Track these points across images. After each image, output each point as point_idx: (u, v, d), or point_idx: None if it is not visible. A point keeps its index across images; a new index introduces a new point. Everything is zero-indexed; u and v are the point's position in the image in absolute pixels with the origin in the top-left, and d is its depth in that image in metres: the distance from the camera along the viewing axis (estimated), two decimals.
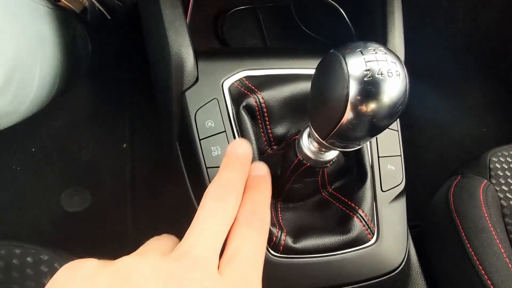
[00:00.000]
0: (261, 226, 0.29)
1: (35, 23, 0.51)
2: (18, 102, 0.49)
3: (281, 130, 0.46)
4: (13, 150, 0.82)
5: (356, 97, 0.26)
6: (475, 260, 0.43)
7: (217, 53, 0.46)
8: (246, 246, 0.27)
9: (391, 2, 0.50)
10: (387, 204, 0.44)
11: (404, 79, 0.27)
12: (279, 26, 0.64)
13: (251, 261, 0.26)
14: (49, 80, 0.55)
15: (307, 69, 0.47)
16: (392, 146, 0.47)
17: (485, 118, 1.11)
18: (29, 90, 0.50)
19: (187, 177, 0.45)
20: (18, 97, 0.48)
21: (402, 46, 0.50)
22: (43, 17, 0.54)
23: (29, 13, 0.50)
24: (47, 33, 0.54)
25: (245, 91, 0.44)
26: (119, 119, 0.90)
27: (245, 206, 0.29)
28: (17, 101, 0.48)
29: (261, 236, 0.28)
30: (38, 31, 0.52)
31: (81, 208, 0.82)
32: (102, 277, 0.23)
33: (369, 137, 0.31)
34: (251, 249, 0.27)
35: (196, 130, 0.42)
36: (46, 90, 0.55)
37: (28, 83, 0.50)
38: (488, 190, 0.50)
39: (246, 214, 0.28)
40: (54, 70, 0.56)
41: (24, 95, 0.50)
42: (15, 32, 0.45)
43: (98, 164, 0.85)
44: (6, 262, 0.38)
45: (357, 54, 0.27)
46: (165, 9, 0.44)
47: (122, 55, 0.94)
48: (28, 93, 0.50)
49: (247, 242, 0.27)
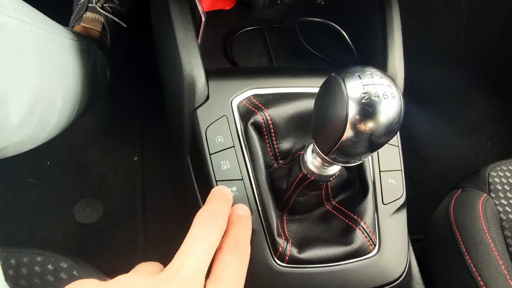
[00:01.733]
0: (243, 255, 0.32)
1: (59, 55, 0.54)
2: (41, 129, 0.51)
3: (286, 145, 0.48)
4: (29, 163, 0.86)
5: (355, 117, 0.29)
6: (474, 271, 0.45)
7: (227, 72, 0.49)
8: (230, 269, 0.30)
9: (391, 23, 0.53)
10: (388, 216, 0.46)
11: (399, 101, 0.30)
12: (285, 46, 0.67)
13: (234, 281, 0.30)
14: (69, 107, 0.58)
15: (311, 88, 0.49)
16: (392, 160, 0.49)
17: (488, 132, 1.12)
18: (51, 118, 0.53)
19: (197, 189, 0.48)
20: (41, 125, 0.51)
21: (401, 66, 0.53)
22: (67, 50, 0.56)
23: (54, 47, 0.53)
24: (70, 64, 0.56)
25: (252, 108, 0.46)
26: (130, 134, 0.93)
27: (229, 238, 0.33)
28: (40, 129, 0.51)
29: (242, 263, 0.32)
30: (61, 62, 0.54)
31: (93, 219, 0.84)
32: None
33: (368, 153, 0.33)
34: (234, 272, 0.30)
35: (206, 145, 0.44)
36: (66, 117, 0.58)
37: (51, 111, 0.52)
38: (488, 204, 0.52)
39: (230, 245, 0.32)
40: (74, 98, 0.59)
41: (47, 123, 0.52)
42: (40, 65, 0.48)
43: (110, 177, 0.88)
44: (28, 269, 0.41)
45: (355, 78, 0.29)
46: (178, 32, 0.47)
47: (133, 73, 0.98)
48: (50, 120, 0.53)
49: (231, 266, 0.30)
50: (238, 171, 0.44)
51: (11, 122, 0.43)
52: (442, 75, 1.16)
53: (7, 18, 0.41)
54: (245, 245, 0.33)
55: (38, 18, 0.49)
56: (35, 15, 0.49)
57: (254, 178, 0.44)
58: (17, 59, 0.42)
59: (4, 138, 0.43)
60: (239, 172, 0.44)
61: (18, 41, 0.43)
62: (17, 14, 0.44)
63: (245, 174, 0.44)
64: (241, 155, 0.44)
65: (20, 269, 0.40)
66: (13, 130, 0.44)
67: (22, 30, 0.44)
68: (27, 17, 0.46)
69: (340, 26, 0.61)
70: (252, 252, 0.41)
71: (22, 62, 0.43)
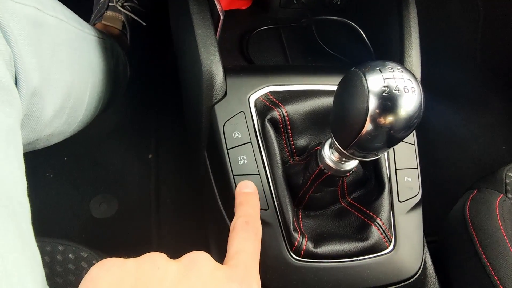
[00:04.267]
0: (255, 232, 0.34)
1: (88, 53, 0.56)
2: (69, 124, 0.53)
3: (303, 142, 0.48)
4: (48, 159, 0.88)
5: (375, 111, 0.29)
6: (491, 271, 0.44)
7: (244, 69, 0.50)
8: (247, 243, 0.32)
9: (408, 22, 0.53)
10: (404, 214, 0.46)
11: (419, 95, 0.30)
12: (301, 45, 0.67)
13: (251, 255, 0.31)
14: (95, 103, 0.60)
15: (327, 85, 0.50)
16: (409, 159, 0.49)
17: (505, 134, 1.10)
18: (79, 113, 0.55)
19: (214, 183, 0.48)
20: (70, 119, 0.53)
21: (418, 65, 0.53)
22: (93, 46, 0.58)
23: (84, 44, 0.55)
24: (96, 61, 0.59)
25: (269, 105, 0.47)
26: (145, 131, 0.95)
27: (240, 219, 0.35)
28: (68, 123, 0.53)
29: (257, 239, 0.34)
30: (89, 59, 0.56)
31: (108, 215, 0.86)
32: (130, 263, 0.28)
33: (386, 147, 0.33)
34: (251, 246, 0.32)
35: (224, 140, 0.45)
36: (91, 112, 0.61)
37: (79, 106, 0.54)
38: (504, 204, 0.51)
39: (242, 224, 0.34)
40: (100, 95, 0.61)
41: (75, 117, 0.54)
42: (72, 62, 0.50)
43: (125, 173, 0.90)
44: (51, 257, 0.42)
45: (376, 72, 0.30)
46: (198, 29, 0.48)
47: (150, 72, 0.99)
48: (78, 115, 0.55)
49: (246, 242, 0.32)
50: (255, 166, 0.44)
51: (46, 116, 0.44)
52: (458, 77, 1.15)
53: (46, 16, 0.43)
54: (257, 221, 0.35)
55: (72, 16, 0.51)
56: (69, 13, 0.51)
57: (270, 173, 0.44)
58: (53, 55, 0.44)
59: (38, 130, 0.45)
60: (255, 167, 0.44)
61: (54, 39, 0.45)
62: (55, 12, 0.45)
63: (262, 169, 0.44)
64: (258, 151, 0.45)
65: (43, 257, 0.41)
66: (46, 124, 0.46)
67: (58, 28, 0.46)
68: (63, 16, 0.48)
69: (356, 24, 0.61)
70: (268, 246, 0.42)
71: (57, 59, 0.45)
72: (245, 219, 0.34)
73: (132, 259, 0.28)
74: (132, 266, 0.27)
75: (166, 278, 0.27)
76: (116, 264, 0.28)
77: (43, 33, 0.42)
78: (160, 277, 0.27)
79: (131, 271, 0.27)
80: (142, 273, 0.27)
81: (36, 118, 0.43)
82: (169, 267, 0.28)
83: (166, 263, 0.28)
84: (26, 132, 0.43)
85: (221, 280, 0.28)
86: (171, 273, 0.27)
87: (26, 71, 0.38)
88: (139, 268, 0.27)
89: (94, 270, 0.27)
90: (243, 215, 0.35)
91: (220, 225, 0.47)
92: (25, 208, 0.33)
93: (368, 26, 0.61)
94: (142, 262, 0.28)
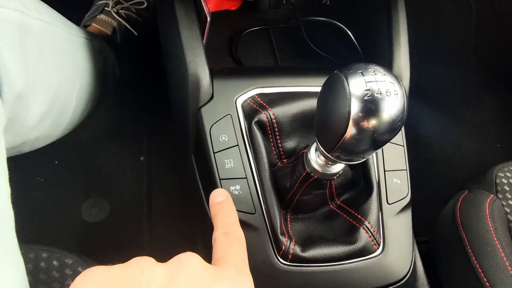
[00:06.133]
0: (237, 239, 0.33)
1: (75, 55, 0.55)
2: (56, 126, 0.53)
3: (291, 144, 0.48)
4: (38, 163, 0.87)
5: (358, 114, 0.29)
6: (480, 273, 0.44)
7: (231, 72, 0.49)
8: (231, 250, 0.31)
9: (396, 23, 0.53)
10: (393, 216, 0.46)
11: (402, 98, 0.29)
12: (290, 46, 0.67)
13: (239, 256, 0.31)
14: (83, 105, 0.59)
15: (315, 87, 0.49)
16: (397, 160, 0.48)
17: (498, 133, 1.10)
18: (66, 116, 0.54)
19: (201, 187, 0.48)
20: (57, 122, 0.52)
21: (407, 66, 0.52)
22: (80, 48, 0.57)
23: (71, 46, 0.54)
24: (83, 62, 0.58)
25: (257, 107, 0.46)
26: (137, 134, 0.94)
27: (218, 231, 0.34)
28: (56, 126, 0.52)
29: (240, 245, 0.33)
30: (76, 62, 0.55)
31: (100, 218, 0.85)
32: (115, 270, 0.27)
33: (371, 150, 0.33)
34: (235, 251, 0.32)
35: (210, 144, 0.45)
36: (79, 114, 0.60)
37: (66, 109, 0.53)
38: (495, 205, 0.51)
39: (222, 236, 0.33)
40: (87, 96, 0.60)
41: (62, 120, 0.54)
42: (58, 65, 0.49)
43: (117, 176, 0.89)
44: (34, 264, 0.41)
45: (358, 75, 0.29)
46: (183, 31, 0.48)
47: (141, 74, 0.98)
48: (65, 118, 0.54)
49: (230, 248, 0.32)
50: (242, 169, 0.44)
51: (31, 120, 0.44)
52: (451, 76, 1.15)
53: (30, 19, 0.42)
54: (236, 229, 0.34)
55: (57, 18, 0.50)
56: (54, 15, 0.50)
57: (257, 176, 0.44)
58: (38, 59, 0.43)
59: (23, 134, 0.44)
60: (242, 171, 0.44)
61: (39, 42, 0.44)
62: (39, 15, 0.44)
63: (249, 172, 0.44)
64: (245, 154, 0.45)
65: (27, 265, 0.40)
66: (32, 128, 0.45)
67: (43, 30, 0.45)
68: (48, 18, 0.47)
69: (345, 26, 0.60)
70: (255, 250, 0.42)
71: (42, 62, 0.44)
72: (223, 230, 0.34)
73: (117, 265, 0.28)
74: (116, 272, 0.27)
75: (152, 281, 0.26)
76: (100, 273, 0.27)
77: (27, 37, 0.41)
78: (146, 281, 0.26)
79: (115, 277, 0.27)
80: (126, 278, 0.26)
81: (21, 122, 0.42)
82: (155, 270, 0.27)
83: (152, 266, 0.27)
84: (11, 136, 0.42)
85: (212, 280, 0.27)
86: (158, 276, 0.27)
87: (9, 76, 0.37)
88: (123, 273, 0.27)
89: (78, 279, 0.27)
90: (221, 226, 0.34)
91: (207, 230, 0.47)
92: (9, 215, 0.32)
93: (357, 26, 0.60)
94: (127, 267, 0.27)
